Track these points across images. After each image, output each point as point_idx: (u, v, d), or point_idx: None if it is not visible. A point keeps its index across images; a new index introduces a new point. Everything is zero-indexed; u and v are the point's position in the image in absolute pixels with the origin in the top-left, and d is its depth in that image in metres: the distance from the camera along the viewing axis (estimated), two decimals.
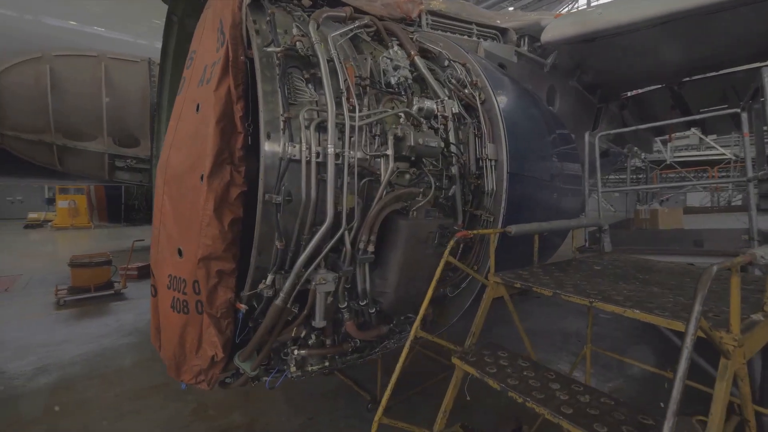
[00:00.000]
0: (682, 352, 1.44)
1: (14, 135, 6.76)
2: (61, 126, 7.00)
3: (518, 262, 3.46)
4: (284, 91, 2.44)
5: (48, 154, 7.16)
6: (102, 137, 7.31)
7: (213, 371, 2.73)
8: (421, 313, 2.70)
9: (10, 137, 6.76)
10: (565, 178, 4.48)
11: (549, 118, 4.63)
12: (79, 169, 7.53)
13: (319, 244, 2.53)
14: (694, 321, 1.46)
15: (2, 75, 6.32)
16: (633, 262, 3.51)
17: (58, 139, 7.09)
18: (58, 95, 6.72)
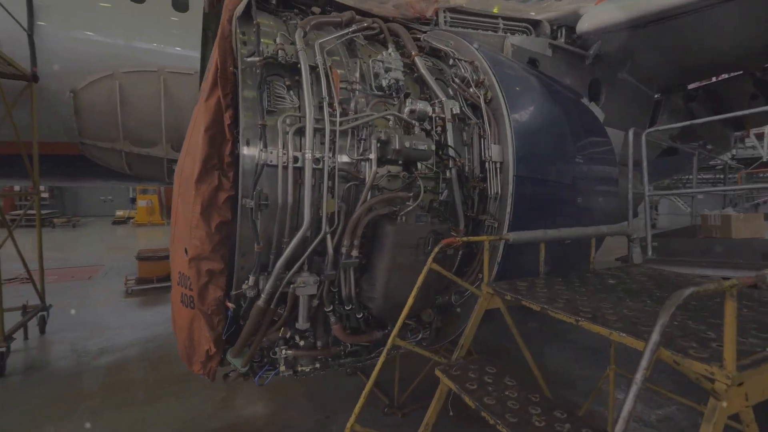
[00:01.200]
0: (630, 389, 1.25)
1: (92, 143, 7.73)
2: (128, 134, 7.87)
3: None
4: (262, 99, 2.53)
5: (118, 160, 8.08)
6: (161, 144, 8.09)
7: (210, 365, 2.91)
8: (400, 322, 2.63)
9: (88, 145, 7.74)
10: (596, 180, 4.10)
11: (579, 115, 4.27)
12: (143, 172, 8.41)
13: (298, 247, 2.58)
14: (648, 353, 1.26)
15: (81, 92, 7.26)
16: (658, 277, 3.09)
17: (126, 147, 7.97)
18: (125, 108, 7.56)
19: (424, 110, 3.00)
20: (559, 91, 4.25)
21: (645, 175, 4.80)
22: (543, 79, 4.21)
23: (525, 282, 2.88)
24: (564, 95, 4.25)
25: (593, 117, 4.64)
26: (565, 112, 4.00)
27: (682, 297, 1.32)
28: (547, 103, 3.81)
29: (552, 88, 4.19)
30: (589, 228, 3.31)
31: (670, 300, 1.32)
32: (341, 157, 2.74)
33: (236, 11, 2.64)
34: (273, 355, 2.90)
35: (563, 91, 4.39)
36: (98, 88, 7.42)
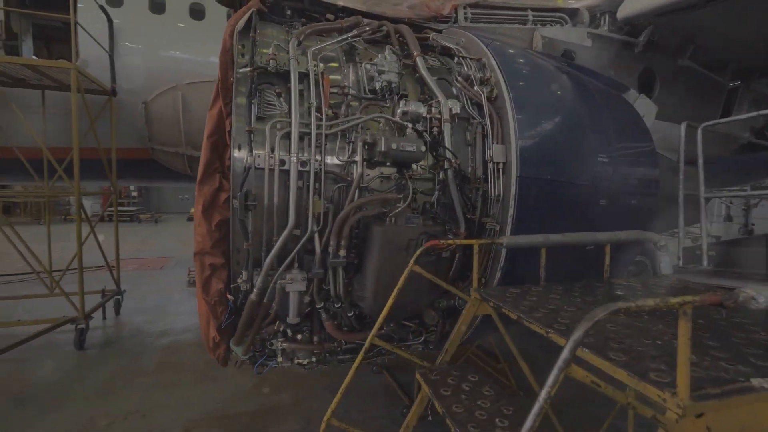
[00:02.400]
0: (532, 407, 1.17)
1: (159, 148, 8.70)
2: (189, 140, 8.73)
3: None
4: (251, 107, 2.70)
5: (181, 162, 8.99)
6: None
7: (218, 351, 3.17)
8: (379, 322, 2.65)
9: (157, 150, 8.72)
10: (627, 181, 3.73)
11: (610, 110, 3.91)
12: None
13: (286, 245, 2.72)
14: (552, 378, 1.16)
15: (151, 103, 8.20)
16: (678, 290, 2.74)
17: (188, 150, 8.84)
18: (186, 116, 8.39)
19: (416, 111, 2.98)
20: (588, 85, 3.93)
21: (701, 174, 4.27)
22: (569, 73, 3.92)
23: (518, 289, 2.73)
24: (594, 89, 3.91)
25: (631, 112, 4.21)
26: (590, 107, 3.70)
27: (596, 317, 1.19)
28: (566, 99, 3.55)
29: (579, 81, 3.89)
30: (602, 233, 3.02)
31: (585, 319, 1.20)
32: (331, 159, 2.83)
33: (237, 26, 2.86)
34: (270, 346, 3.09)
35: (595, 85, 4.05)
36: (165, 99, 8.33)
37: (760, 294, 1.35)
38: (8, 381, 5.45)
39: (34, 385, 5.36)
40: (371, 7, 3.94)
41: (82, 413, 4.74)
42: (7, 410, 4.83)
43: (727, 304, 1.33)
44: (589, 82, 4.00)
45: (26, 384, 5.39)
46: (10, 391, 5.22)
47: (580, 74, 4.09)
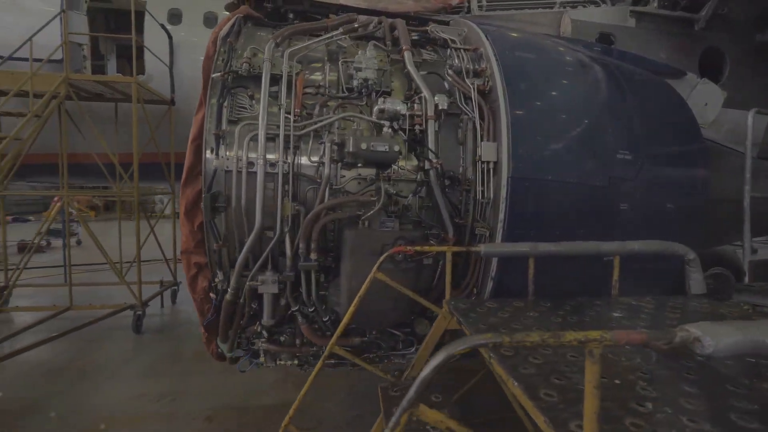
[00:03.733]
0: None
1: None
2: None
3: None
4: (220, 110, 2.75)
5: None
6: None
7: (211, 346, 3.31)
8: (340, 329, 2.53)
9: None
10: (659, 182, 3.19)
11: (643, 101, 3.37)
12: None
13: (254, 247, 2.73)
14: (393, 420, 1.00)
15: None
16: (700, 315, 2.22)
17: None
18: None
19: (393, 109, 2.81)
20: (616, 73, 3.40)
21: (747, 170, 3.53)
22: (591, 60, 3.45)
23: (496, 303, 2.44)
24: (624, 77, 3.37)
25: (673, 101, 3.57)
26: (614, 98, 3.22)
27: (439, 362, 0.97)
28: (578, 90, 3.12)
29: (603, 69, 3.39)
30: (608, 243, 2.58)
31: (432, 361, 0.99)
32: (303, 161, 2.79)
33: (220, 33, 2.95)
34: (253, 346, 3.14)
35: (626, 73, 3.50)
36: None
37: (706, 334, 1.02)
38: (78, 356, 6.25)
39: (95, 361, 6.10)
40: (373, 3, 3.84)
41: (127, 391, 5.28)
42: (73, 381, 5.54)
43: (655, 346, 1.03)
44: (619, 70, 3.47)
45: (90, 360, 6.14)
46: (78, 366, 5.99)
47: (608, 61, 3.57)
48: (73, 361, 6.09)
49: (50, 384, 5.41)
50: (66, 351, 6.34)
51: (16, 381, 5.55)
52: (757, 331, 1.01)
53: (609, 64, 3.43)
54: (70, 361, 6.06)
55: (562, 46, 3.54)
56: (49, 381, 5.50)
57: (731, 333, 1.01)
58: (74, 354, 6.28)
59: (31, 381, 5.54)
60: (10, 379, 5.57)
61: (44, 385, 5.41)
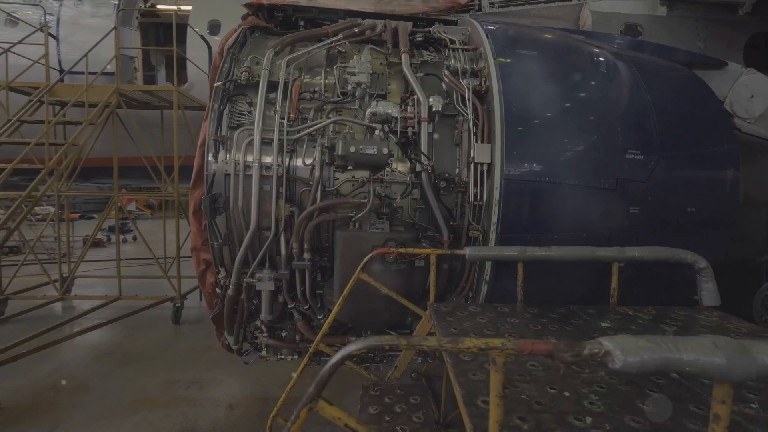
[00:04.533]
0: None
1: None
2: None
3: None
4: (221, 116, 2.92)
5: None
6: None
7: (222, 338, 3.52)
8: (325, 327, 2.59)
9: None
10: (678, 184, 2.96)
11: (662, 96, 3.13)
12: None
13: (250, 246, 2.88)
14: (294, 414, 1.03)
15: None
16: (705, 329, 2.02)
17: None
18: None
19: (385, 112, 2.83)
20: (631, 65, 3.18)
21: None
22: (604, 54, 3.26)
23: (477, 308, 2.39)
24: (643, 71, 3.14)
25: (698, 96, 3.27)
26: (626, 94, 3.03)
27: (357, 347, 0.99)
28: (582, 87, 2.95)
29: (616, 64, 3.19)
30: (604, 249, 2.42)
31: (344, 348, 1.02)
32: (299, 164, 2.90)
33: (226, 44, 3.14)
34: (255, 340, 3.30)
35: (646, 67, 3.26)
36: None
37: (617, 348, 0.96)
38: (123, 342, 6.86)
39: (138, 347, 6.65)
40: (381, 6, 3.88)
41: (162, 376, 5.72)
42: (117, 364, 6.10)
43: (560, 357, 0.99)
44: (636, 63, 3.23)
45: (133, 346, 6.72)
46: (123, 350, 6.58)
47: (624, 54, 3.35)
48: (119, 346, 6.70)
49: (99, 365, 6.00)
50: (114, 337, 6.98)
51: (73, 361, 6.21)
52: (673, 348, 0.94)
53: (623, 58, 3.21)
54: (117, 346, 6.68)
55: (574, 40, 3.37)
56: (98, 363, 6.10)
57: (643, 348, 0.95)
58: (121, 340, 6.90)
59: (84, 362, 6.17)
60: (69, 359, 6.24)
61: (94, 366, 6.01)
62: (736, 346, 0.93)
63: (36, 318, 7.38)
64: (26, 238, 9.06)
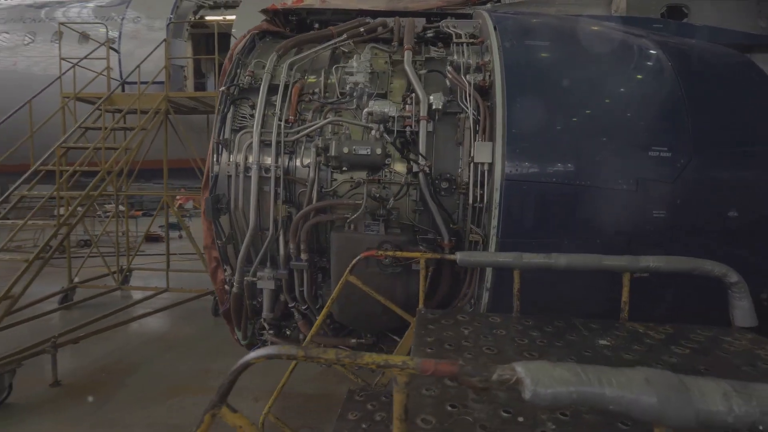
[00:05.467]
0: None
1: None
2: None
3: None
4: (224, 120, 3.00)
5: None
6: None
7: (233, 334, 3.67)
8: (313, 330, 2.58)
9: None
10: (711, 183, 2.60)
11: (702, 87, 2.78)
12: None
13: (250, 245, 2.94)
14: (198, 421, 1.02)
15: None
16: (723, 353, 1.71)
17: None
18: None
19: (381, 111, 2.75)
20: (662, 51, 2.83)
21: None
22: (629, 39, 2.94)
23: (467, 316, 2.24)
24: (672, 57, 2.79)
25: (748, 83, 2.84)
26: (650, 84, 2.71)
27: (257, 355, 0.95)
28: (602, 77, 2.68)
29: (643, 50, 2.87)
30: (616, 258, 2.15)
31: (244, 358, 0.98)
32: (298, 164, 2.92)
33: (236, 50, 3.24)
34: (261, 336, 3.38)
35: (678, 51, 2.90)
36: None
37: (528, 377, 0.83)
38: (168, 331, 7.41)
39: (179, 337, 7.13)
40: (394, 4, 3.82)
41: (197, 366, 6.08)
42: (161, 351, 6.58)
43: (466, 381, 0.88)
44: (670, 49, 2.87)
45: (176, 335, 7.22)
46: (167, 338, 7.10)
47: (655, 40, 2.99)
48: (164, 334, 7.23)
49: (145, 350, 6.51)
50: (160, 325, 7.55)
51: (125, 346, 6.79)
52: (595, 381, 0.79)
53: (653, 43, 2.87)
54: (162, 334, 7.21)
55: (596, 27, 3.07)
56: (144, 348, 6.62)
57: (558, 380, 0.81)
58: (166, 329, 7.45)
59: (134, 347, 6.73)
60: (121, 343, 6.85)
61: (141, 351, 6.54)
62: (673, 384, 0.77)
63: (97, 305, 8.18)
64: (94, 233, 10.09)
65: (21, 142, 6.27)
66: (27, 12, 9.89)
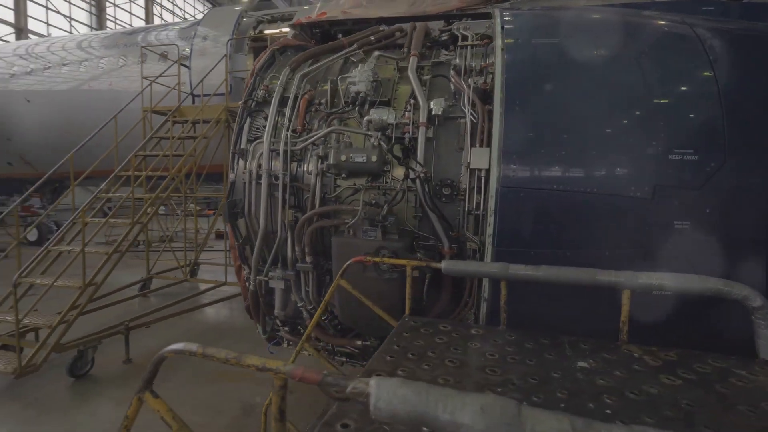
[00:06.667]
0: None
1: None
2: None
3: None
4: (240, 131, 3.23)
5: None
6: None
7: (257, 329, 3.94)
8: (308, 331, 2.68)
9: None
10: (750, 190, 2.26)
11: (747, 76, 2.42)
12: None
13: (262, 247, 3.15)
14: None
15: None
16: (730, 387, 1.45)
17: None
18: None
19: (379, 119, 2.78)
20: (701, 39, 2.50)
21: None
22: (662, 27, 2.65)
23: (449, 326, 2.18)
24: (709, 46, 2.46)
25: None
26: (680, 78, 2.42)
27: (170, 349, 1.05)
28: (613, 72, 2.43)
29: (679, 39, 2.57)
30: (612, 273, 1.94)
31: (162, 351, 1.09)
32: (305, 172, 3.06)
33: (256, 68, 3.48)
34: (278, 333, 3.58)
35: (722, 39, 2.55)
36: None
37: (375, 390, 0.84)
38: (222, 320, 8.11)
39: (231, 326, 7.78)
40: (414, 9, 3.83)
41: None
42: (215, 339, 7.23)
43: (326, 391, 0.91)
44: (711, 35, 2.53)
45: (228, 325, 7.89)
46: (221, 327, 7.79)
47: (697, 25, 2.64)
48: (220, 323, 7.94)
49: (203, 337, 7.20)
50: (217, 315, 8.29)
51: (187, 332, 7.57)
52: (433, 404, 0.77)
53: (685, 30, 2.54)
54: (218, 324, 7.92)
55: (621, 16, 2.79)
56: (203, 335, 7.32)
57: (400, 398, 0.80)
58: (222, 319, 8.16)
59: (194, 333, 7.46)
60: (184, 329, 7.65)
61: (199, 338, 7.24)
62: (509, 414, 0.72)
63: (168, 294, 9.21)
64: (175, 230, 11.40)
65: (108, 151, 7.30)
66: (121, 39, 11.44)
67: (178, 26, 12.16)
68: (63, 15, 21.90)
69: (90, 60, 11.23)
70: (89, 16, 23.95)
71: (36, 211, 14.63)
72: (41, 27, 20.90)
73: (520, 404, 0.75)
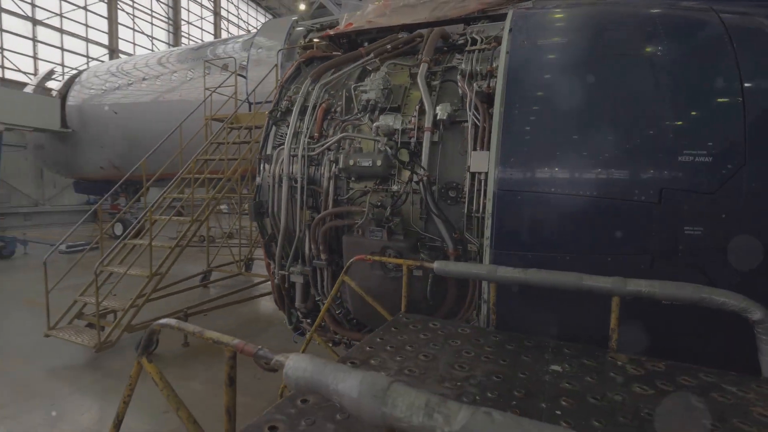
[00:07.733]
0: None
1: None
2: None
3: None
4: (266, 139, 3.52)
5: None
6: None
7: None
8: (317, 322, 2.87)
9: None
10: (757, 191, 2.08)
11: None
12: None
13: (284, 244, 3.42)
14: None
15: None
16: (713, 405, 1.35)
17: None
18: None
19: (387, 125, 2.90)
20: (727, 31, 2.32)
21: None
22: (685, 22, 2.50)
23: (438, 324, 2.25)
24: (735, 38, 2.27)
25: None
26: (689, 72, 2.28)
27: (160, 322, 1.28)
28: (620, 70, 2.33)
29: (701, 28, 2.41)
30: (600, 278, 1.88)
31: (150, 325, 1.33)
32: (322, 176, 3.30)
33: (283, 80, 3.78)
34: (301, 324, 3.85)
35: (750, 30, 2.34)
36: None
37: (290, 361, 0.99)
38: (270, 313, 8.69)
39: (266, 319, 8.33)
40: (435, 13, 3.91)
41: (283, 345, 7.06)
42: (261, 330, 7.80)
43: (258, 362, 1.09)
44: (739, 29, 2.33)
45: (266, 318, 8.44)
46: (269, 320, 8.37)
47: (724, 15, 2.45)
48: (268, 315, 8.52)
49: (249, 327, 7.81)
50: (266, 307, 8.91)
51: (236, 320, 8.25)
52: (330, 376, 0.90)
53: (708, 21, 2.36)
54: (267, 315, 8.52)
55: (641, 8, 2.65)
56: (249, 325, 7.93)
57: (303, 370, 0.95)
58: (269, 311, 8.76)
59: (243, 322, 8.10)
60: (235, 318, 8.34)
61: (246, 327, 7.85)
62: (378, 386, 0.83)
63: (226, 286, 10.05)
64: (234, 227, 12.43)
65: (173, 156, 8.20)
66: (190, 54, 12.69)
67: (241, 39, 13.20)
68: (146, 35, 24.64)
69: (164, 75, 12.59)
70: (167, 34, 26.69)
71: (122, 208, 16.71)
72: (129, 47, 23.71)
73: (393, 381, 0.85)
